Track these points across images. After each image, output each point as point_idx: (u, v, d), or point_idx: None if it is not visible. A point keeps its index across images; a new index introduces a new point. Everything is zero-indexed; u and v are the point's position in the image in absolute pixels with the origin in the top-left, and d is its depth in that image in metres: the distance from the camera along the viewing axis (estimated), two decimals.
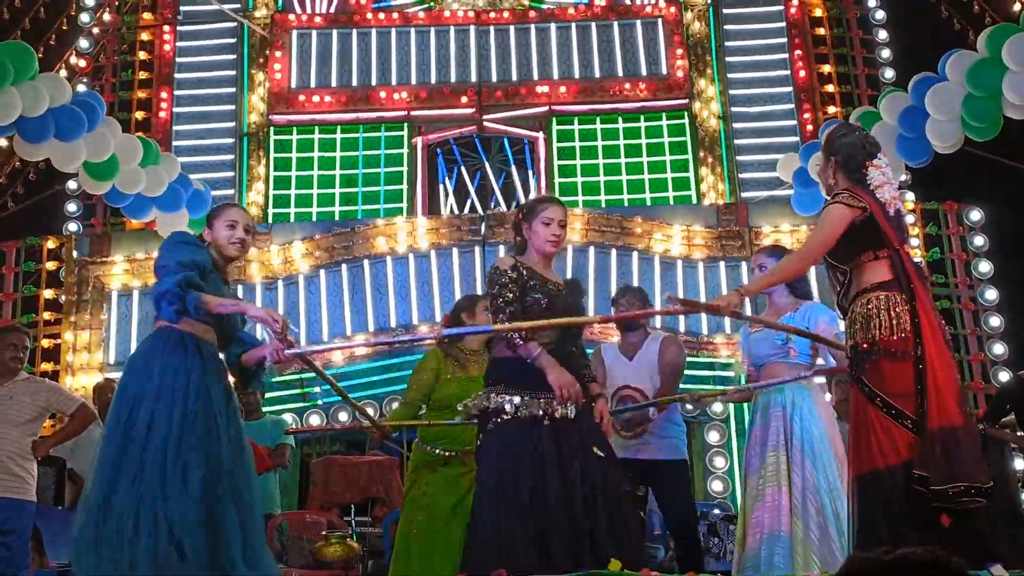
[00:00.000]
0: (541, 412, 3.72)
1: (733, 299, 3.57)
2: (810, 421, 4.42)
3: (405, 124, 10.00)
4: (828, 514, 4.25)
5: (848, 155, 3.65)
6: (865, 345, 3.44)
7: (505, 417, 3.73)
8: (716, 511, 6.71)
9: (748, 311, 6.30)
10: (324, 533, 6.02)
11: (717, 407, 8.38)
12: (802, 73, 10.10)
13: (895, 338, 3.39)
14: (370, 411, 8.68)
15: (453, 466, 4.87)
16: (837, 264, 3.63)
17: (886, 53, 10.33)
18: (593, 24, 10.27)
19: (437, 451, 4.91)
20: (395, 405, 8.62)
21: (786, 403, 4.47)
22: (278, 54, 10.12)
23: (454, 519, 4.68)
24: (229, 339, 3.94)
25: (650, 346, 5.25)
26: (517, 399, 3.74)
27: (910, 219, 9.24)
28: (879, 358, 3.41)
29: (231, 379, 3.94)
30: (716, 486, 8.34)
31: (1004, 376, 8.71)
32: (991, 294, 9.07)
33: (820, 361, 4.66)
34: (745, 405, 7.38)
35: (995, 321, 9.01)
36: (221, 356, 3.89)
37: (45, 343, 8.93)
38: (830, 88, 10.19)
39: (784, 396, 4.51)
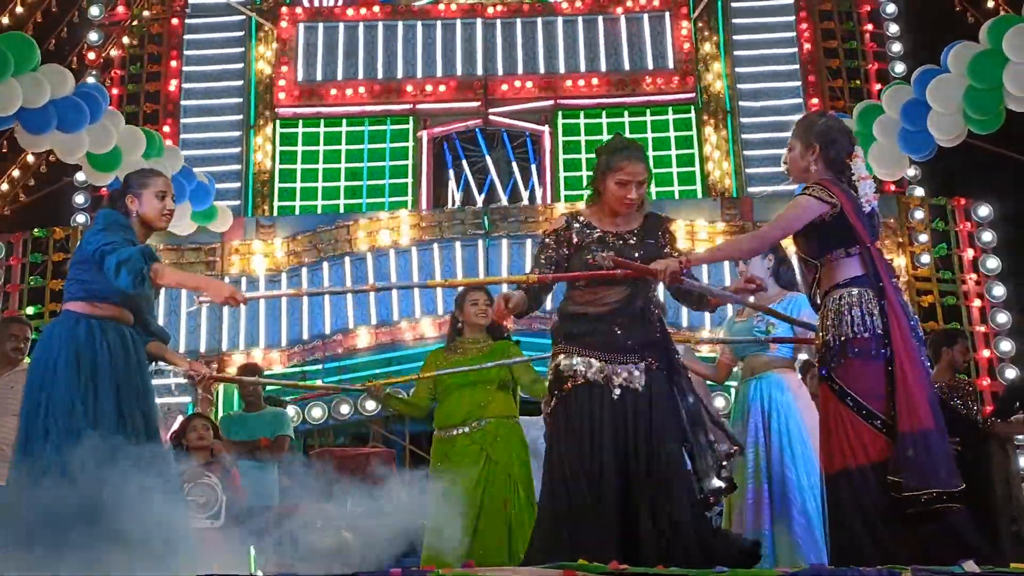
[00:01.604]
0: (608, 378, 3.60)
1: (672, 264, 3.46)
2: (788, 416, 4.37)
3: (410, 118, 10.01)
4: (809, 512, 4.22)
5: (834, 140, 3.50)
6: (837, 341, 3.37)
7: (570, 386, 3.60)
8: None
9: (706, 279, 6.10)
10: (318, 524, 6.04)
11: (720, 402, 8.33)
12: (811, 67, 10.02)
13: (867, 336, 3.32)
14: (370, 405, 8.76)
15: (462, 443, 4.89)
16: (807, 258, 3.57)
17: (896, 47, 10.22)
18: (600, 17, 10.22)
19: (447, 434, 4.93)
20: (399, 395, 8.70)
21: (763, 398, 4.43)
22: (283, 45, 10.13)
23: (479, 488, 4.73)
24: (139, 323, 3.76)
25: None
26: (596, 364, 3.60)
27: (918, 215, 9.16)
28: (851, 356, 3.35)
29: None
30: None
31: (1011, 373, 8.65)
32: (999, 290, 8.97)
33: (803, 356, 4.60)
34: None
35: (1002, 318, 8.91)
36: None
37: None
38: (839, 82, 10.10)
39: (762, 391, 4.46)
